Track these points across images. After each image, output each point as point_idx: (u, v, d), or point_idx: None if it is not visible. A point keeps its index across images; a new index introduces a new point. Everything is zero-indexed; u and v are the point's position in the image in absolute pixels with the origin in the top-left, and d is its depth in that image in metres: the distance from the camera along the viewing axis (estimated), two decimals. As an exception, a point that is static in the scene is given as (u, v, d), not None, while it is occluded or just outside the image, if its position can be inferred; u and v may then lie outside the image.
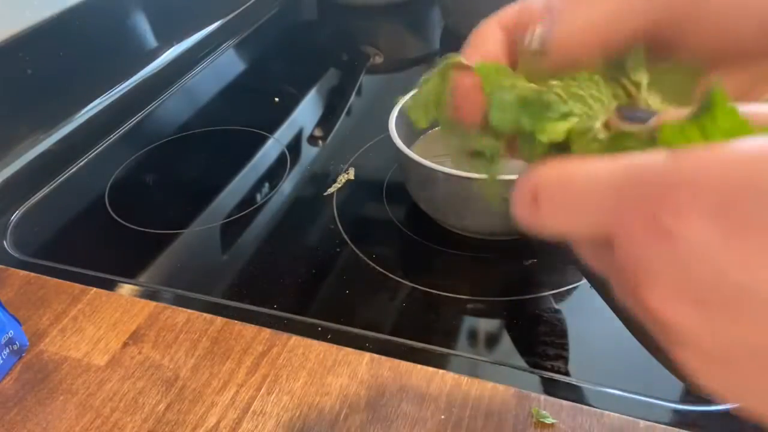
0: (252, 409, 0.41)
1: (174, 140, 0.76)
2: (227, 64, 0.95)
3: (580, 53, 0.20)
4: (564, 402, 0.39)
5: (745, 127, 0.15)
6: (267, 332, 0.46)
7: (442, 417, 0.39)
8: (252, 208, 0.62)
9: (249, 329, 0.46)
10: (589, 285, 0.49)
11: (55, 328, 0.48)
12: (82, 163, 0.72)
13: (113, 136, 0.77)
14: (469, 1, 0.84)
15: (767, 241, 0.13)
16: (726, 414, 0.39)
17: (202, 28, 0.99)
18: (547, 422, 0.38)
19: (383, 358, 0.43)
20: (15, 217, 0.64)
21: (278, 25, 1.07)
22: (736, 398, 0.16)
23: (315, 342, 0.45)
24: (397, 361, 0.43)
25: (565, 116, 0.19)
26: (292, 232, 0.59)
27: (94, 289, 0.51)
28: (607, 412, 0.39)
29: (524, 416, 0.38)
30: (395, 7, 1.07)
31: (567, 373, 0.43)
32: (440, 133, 0.23)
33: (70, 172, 0.71)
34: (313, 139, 0.74)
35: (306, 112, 0.80)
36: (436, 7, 1.02)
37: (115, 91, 0.83)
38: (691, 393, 0.40)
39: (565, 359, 0.44)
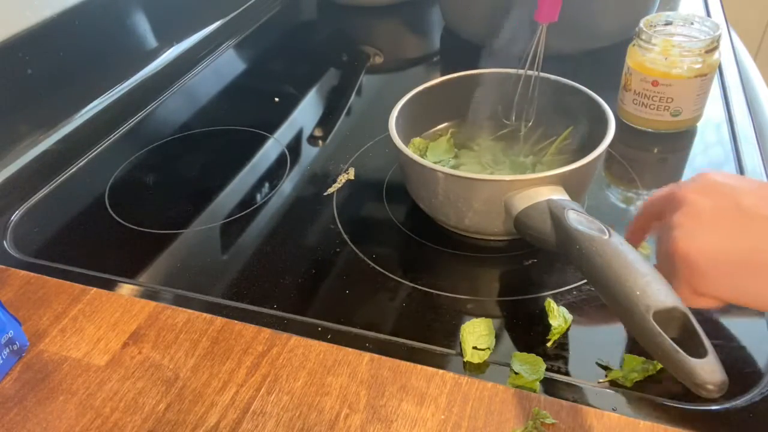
0: (252, 409, 0.41)
1: (174, 140, 0.76)
2: (227, 64, 0.95)
3: None
4: (564, 402, 0.39)
5: None
6: (267, 332, 0.46)
7: (442, 417, 0.39)
8: (252, 208, 0.62)
9: (249, 329, 0.46)
10: (589, 285, 0.49)
11: (55, 328, 0.48)
12: (82, 163, 0.72)
13: (113, 136, 0.77)
14: (469, 1, 0.84)
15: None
16: (726, 414, 0.39)
17: (202, 28, 0.99)
18: (547, 422, 0.38)
19: (383, 358, 0.43)
20: (15, 217, 0.64)
21: (278, 25, 1.07)
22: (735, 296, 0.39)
23: (315, 342, 0.45)
24: (397, 361, 0.43)
25: None
26: (292, 232, 0.59)
27: (94, 289, 0.51)
28: (607, 412, 0.39)
29: (524, 416, 0.39)
30: (395, 7, 1.07)
31: (567, 373, 0.43)
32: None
33: (70, 172, 0.71)
34: (313, 139, 0.74)
35: (306, 112, 0.80)
36: (436, 7, 1.02)
37: (115, 91, 0.83)
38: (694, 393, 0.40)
39: (565, 359, 0.44)
